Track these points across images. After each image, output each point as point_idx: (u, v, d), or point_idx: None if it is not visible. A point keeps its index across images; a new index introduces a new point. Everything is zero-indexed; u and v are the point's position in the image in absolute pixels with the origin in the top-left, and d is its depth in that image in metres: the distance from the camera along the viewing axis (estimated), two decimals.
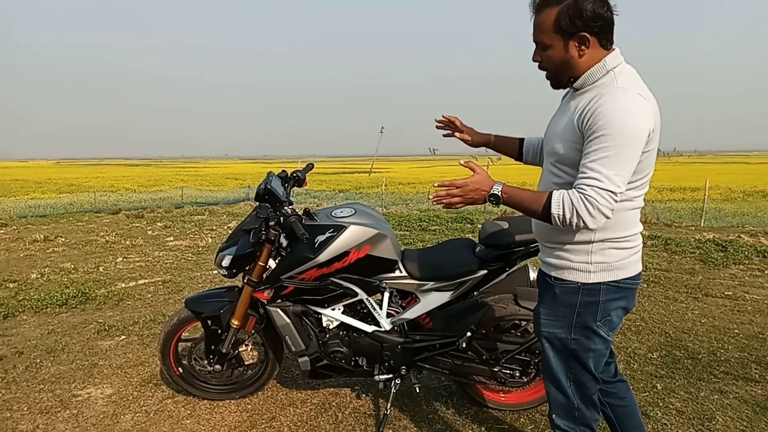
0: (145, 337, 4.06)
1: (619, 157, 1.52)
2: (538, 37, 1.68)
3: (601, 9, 1.58)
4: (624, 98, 1.55)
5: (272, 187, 2.58)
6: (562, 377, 1.85)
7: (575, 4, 1.57)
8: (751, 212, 13.35)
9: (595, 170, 1.53)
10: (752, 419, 2.79)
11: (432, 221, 10.56)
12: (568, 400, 1.86)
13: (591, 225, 1.56)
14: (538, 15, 1.66)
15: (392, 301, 2.76)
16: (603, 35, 1.62)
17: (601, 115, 1.54)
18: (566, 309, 1.77)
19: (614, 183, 1.52)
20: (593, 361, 1.81)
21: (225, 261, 2.71)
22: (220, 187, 26.66)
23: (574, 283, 1.74)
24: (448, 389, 3.16)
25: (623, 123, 1.52)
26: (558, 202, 1.58)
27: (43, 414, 2.93)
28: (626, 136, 1.52)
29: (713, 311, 4.60)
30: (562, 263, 1.77)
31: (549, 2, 1.62)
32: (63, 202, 17.01)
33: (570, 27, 1.59)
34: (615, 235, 1.69)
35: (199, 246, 8.14)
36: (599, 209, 1.53)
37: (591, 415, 1.87)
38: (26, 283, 5.82)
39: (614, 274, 1.72)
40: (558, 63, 1.68)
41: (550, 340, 1.84)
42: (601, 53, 1.64)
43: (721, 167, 50.61)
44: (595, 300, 1.73)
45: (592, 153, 1.55)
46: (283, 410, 2.96)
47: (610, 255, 1.71)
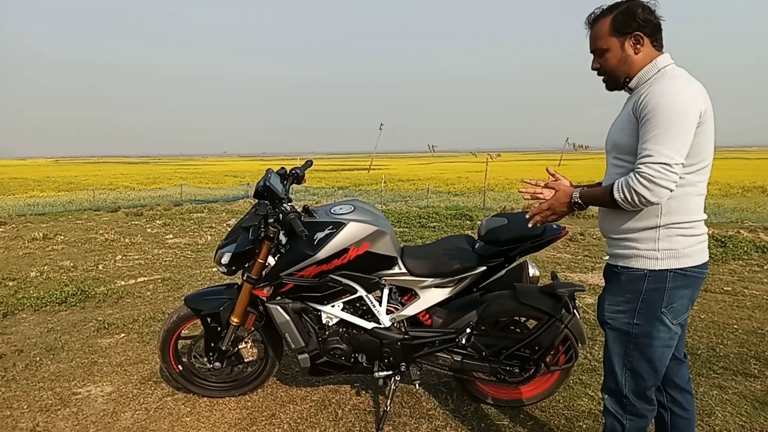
0: (144, 335, 4.06)
1: (668, 133, 1.62)
2: (595, 45, 1.85)
3: (650, 15, 1.77)
4: (671, 82, 1.69)
5: (271, 184, 2.57)
6: (618, 364, 1.89)
7: (628, 9, 1.76)
8: (750, 208, 13.35)
9: (647, 148, 1.64)
10: (751, 414, 2.80)
11: (431, 218, 10.56)
12: (617, 386, 1.91)
13: (651, 198, 1.63)
14: (594, 26, 1.85)
15: (392, 297, 2.76)
16: (653, 36, 1.79)
17: (650, 99, 1.66)
18: (631, 295, 1.82)
19: (665, 155, 1.61)
20: (656, 350, 1.83)
21: (224, 258, 2.70)
22: (219, 185, 26.64)
23: (641, 270, 1.80)
24: (448, 386, 3.16)
25: (669, 102, 1.63)
26: (618, 188, 1.69)
27: (43, 412, 2.93)
28: (673, 113, 1.62)
29: (712, 307, 4.60)
30: (630, 252, 1.82)
31: (604, 13, 1.82)
32: (62, 201, 17.01)
33: (625, 27, 1.77)
34: (680, 220, 1.76)
35: (198, 243, 8.15)
36: (654, 181, 1.61)
37: (641, 406, 1.90)
38: (25, 282, 5.82)
39: (681, 261, 1.77)
40: (616, 63, 1.83)
41: (612, 326, 1.89)
42: (653, 53, 1.80)
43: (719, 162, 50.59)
44: (661, 287, 1.77)
45: (644, 135, 1.67)
46: (282, 407, 2.97)
47: (676, 242, 1.76)
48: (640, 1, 1.78)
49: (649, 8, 1.78)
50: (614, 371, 1.91)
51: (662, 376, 1.90)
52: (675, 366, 2.01)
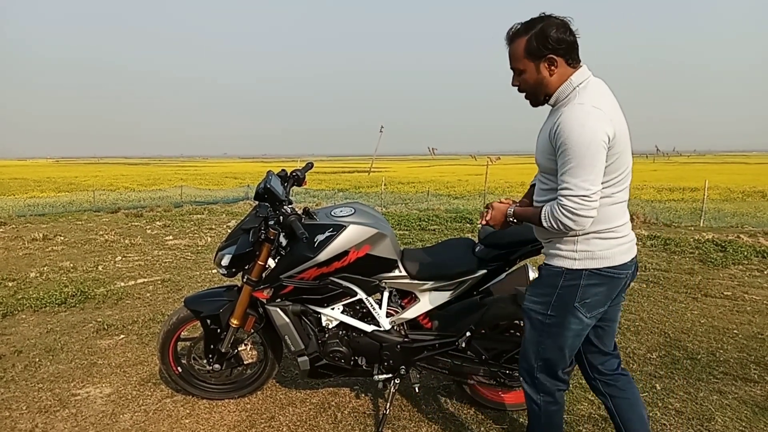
0: (144, 337, 4.06)
1: (581, 165, 1.74)
2: (513, 64, 1.92)
3: (564, 34, 1.82)
4: (578, 112, 1.77)
5: (272, 186, 2.57)
6: (531, 350, 2.08)
7: (541, 31, 1.81)
8: (751, 212, 13.35)
9: (565, 181, 1.78)
10: (751, 419, 2.79)
11: (431, 221, 10.55)
12: (530, 370, 2.11)
13: (575, 227, 1.80)
14: (511, 45, 1.91)
15: (392, 300, 2.76)
16: (568, 56, 1.85)
17: (561, 131, 1.77)
18: (549, 289, 1.98)
19: (583, 188, 1.74)
20: (567, 340, 2.00)
21: (224, 260, 2.70)
22: (220, 186, 26.64)
23: (559, 268, 1.95)
24: (448, 389, 3.16)
25: (579, 134, 1.73)
26: (545, 217, 1.85)
27: (42, 413, 2.93)
28: (582, 146, 1.73)
29: (712, 311, 4.60)
30: (553, 252, 1.98)
31: (519, 33, 1.87)
32: (62, 201, 17.00)
33: (539, 50, 1.83)
34: (598, 228, 1.88)
35: (198, 245, 8.14)
36: (577, 213, 1.76)
37: (552, 384, 2.10)
38: (25, 282, 5.82)
39: (597, 262, 1.90)
40: (533, 84, 1.91)
41: (528, 315, 2.06)
42: (568, 71, 1.87)
43: (720, 167, 50.64)
44: (576, 284, 1.93)
45: (561, 166, 1.80)
46: (282, 410, 2.96)
47: (594, 244, 1.90)
48: (555, 20, 1.83)
49: (564, 26, 1.82)
50: (528, 355, 2.10)
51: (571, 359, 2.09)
52: (600, 357, 2.17)
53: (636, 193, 20.74)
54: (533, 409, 2.16)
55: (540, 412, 2.14)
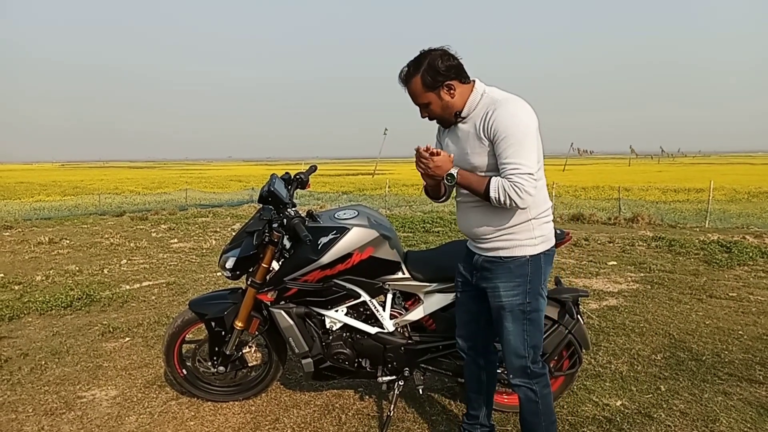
0: (149, 339, 4.08)
1: (523, 148, 1.93)
2: (418, 101, 2.09)
3: (449, 61, 2.00)
4: (509, 105, 1.99)
5: (275, 189, 2.58)
6: (520, 342, 2.17)
7: (429, 66, 1.99)
8: (756, 213, 13.28)
9: (511, 162, 1.93)
10: (756, 421, 2.78)
11: (435, 223, 10.56)
12: (521, 361, 2.19)
13: (521, 204, 1.94)
14: (408, 86, 2.07)
15: (395, 302, 2.77)
16: (460, 76, 2.04)
17: (499, 122, 1.95)
18: (520, 279, 2.11)
19: (528, 167, 1.92)
20: (541, 319, 2.19)
21: (229, 263, 2.71)
22: (224, 189, 26.70)
23: (523, 257, 2.09)
24: (451, 391, 3.16)
25: (518, 122, 1.95)
26: (495, 187, 1.95)
27: (48, 415, 2.94)
28: (522, 130, 1.94)
29: (717, 313, 4.58)
30: (512, 243, 2.10)
31: (411, 74, 2.04)
32: (67, 205, 17.07)
33: (435, 83, 2.01)
34: (541, 210, 2.11)
35: (203, 248, 8.17)
36: (525, 190, 1.90)
37: (541, 368, 2.22)
38: (31, 285, 5.85)
39: (548, 243, 2.14)
40: (440, 110, 2.08)
41: (511, 310, 2.14)
42: (467, 87, 2.07)
43: (725, 168, 50.41)
44: (538, 267, 2.11)
45: (504, 151, 1.95)
46: (286, 412, 2.97)
47: (544, 228, 2.13)
48: (437, 52, 2.01)
49: (447, 55, 2.01)
50: (517, 349, 2.17)
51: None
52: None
53: (641, 194, 20.66)
54: (530, 398, 2.22)
55: (537, 398, 2.22)
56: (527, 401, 2.24)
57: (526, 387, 2.22)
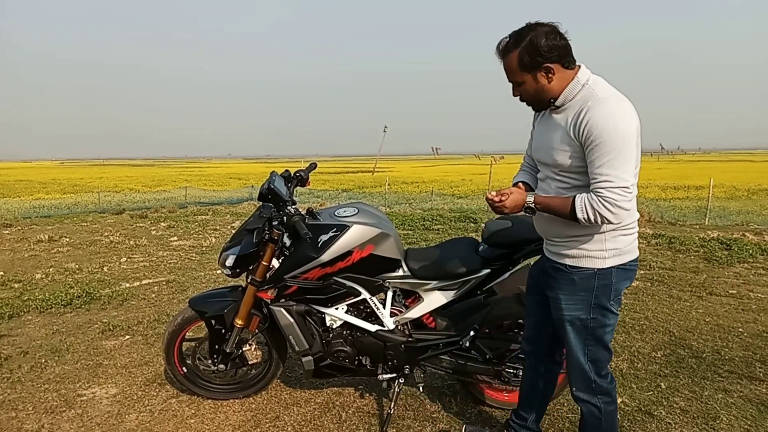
0: (149, 337, 4.08)
1: (620, 157, 1.74)
2: (510, 78, 1.91)
3: (555, 40, 1.79)
4: (607, 106, 1.77)
5: (275, 186, 2.58)
6: (581, 355, 2.06)
7: (531, 43, 1.78)
8: (756, 210, 13.28)
9: (604, 174, 1.75)
10: (757, 418, 2.78)
11: (435, 220, 10.55)
12: (585, 374, 2.08)
13: (614, 220, 1.79)
14: (504, 60, 1.88)
15: (395, 300, 2.76)
16: (564, 60, 1.83)
17: (594, 125, 1.75)
18: (585, 293, 1.98)
19: (623, 179, 1.74)
20: (607, 336, 2.05)
21: (228, 261, 2.71)
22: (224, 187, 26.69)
23: (590, 270, 1.95)
24: (452, 388, 3.16)
25: (614, 127, 1.74)
26: (581, 207, 1.80)
27: (48, 413, 2.94)
28: (620, 138, 1.74)
29: (717, 310, 4.58)
30: (580, 253, 1.97)
31: (509, 47, 1.84)
32: (67, 203, 17.06)
33: (533, 62, 1.81)
34: (624, 223, 1.91)
35: (202, 246, 8.17)
36: (617, 205, 1.75)
37: (606, 384, 2.10)
38: (31, 284, 5.85)
39: (623, 257, 1.95)
40: (534, 93, 1.90)
41: (572, 322, 2.04)
42: (569, 74, 1.86)
43: (725, 165, 50.40)
44: (608, 282, 1.95)
45: (597, 159, 1.77)
46: (287, 409, 2.97)
47: (620, 241, 1.93)
48: (542, 29, 1.79)
49: (553, 32, 1.79)
50: (579, 362, 2.08)
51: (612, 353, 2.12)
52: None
53: (641, 191, 20.62)
54: (593, 413, 2.12)
55: (601, 415, 2.11)
56: (590, 416, 2.14)
57: (589, 403, 2.12)
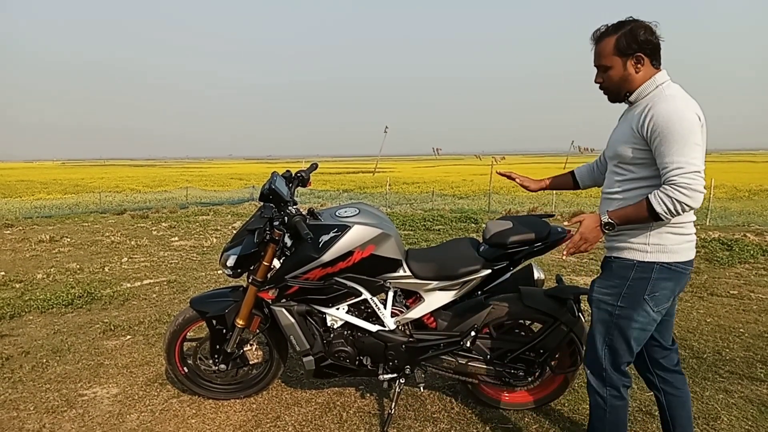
0: (150, 337, 4.08)
1: (687, 144, 1.79)
2: (599, 62, 2.00)
3: (651, 36, 1.92)
4: (672, 101, 1.85)
5: (276, 187, 2.58)
6: (599, 341, 2.09)
7: (631, 31, 1.91)
8: (757, 211, 13.28)
9: (674, 161, 1.79)
10: (757, 419, 2.78)
11: (436, 221, 10.55)
12: (599, 361, 2.11)
13: (693, 204, 1.78)
14: (599, 43, 1.99)
15: (396, 300, 2.77)
16: (653, 56, 1.95)
17: (659, 118, 1.83)
18: (619, 280, 2.02)
19: (693, 164, 1.77)
20: (634, 332, 2.02)
21: (230, 261, 2.71)
22: (225, 188, 26.71)
23: (630, 261, 1.99)
24: (453, 389, 3.16)
25: (679, 118, 1.80)
26: (657, 202, 1.82)
27: (50, 413, 2.95)
28: (685, 127, 1.80)
29: (718, 310, 4.58)
30: (623, 244, 2.01)
31: (608, 32, 1.96)
32: (68, 203, 17.10)
33: (628, 48, 1.92)
34: (672, 220, 1.91)
35: (203, 246, 8.17)
36: (692, 188, 1.76)
37: (618, 378, 2.10)
38: (32, 284, 5.85)
39: (668, 256, 1.95)
40: (618, 80, 1.99)
41: (597, 305, 2.09)
42: (652, 71, 1.96)
43: (726, 166, 50.36)
44: (647, 277, 1.96)
45: (665, 150, 1.82)
46: (287, 409, 2.97)
47: (666, 238, 1.94)
48: (642, 23, 1.93)
49: (651, 29, 1.92)
50: (596, 346, 2.11)
51: (635, 354, 2.10)
52: (661, 351, 2.21)
53: None
54: (597, 402, 2.15)
55: (605, 405, 2.13)
56: (596, 407, 2.16)
57: (596, 391, 2.14)
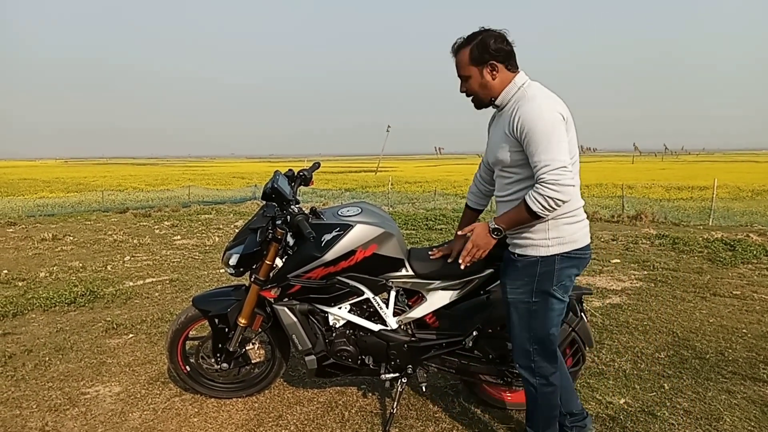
0: (152, 336, 4.09)
1: (551, 142, 1.92)
2: (460, 72, 2.14)
3: (502, 44, 2.05)
4: (534, 101, 1.99)
5: (279, 186, 2.58)
6: (524, 337, 2.21)
7: (482, 41, 2.05)
8: (760, 211, 13.25)
9: (541, 160, 1.92)
10: (760, 419, 2.77)
11: (438, 220, 10.55)
12: (527, 355, 2.23)
13: (563, 198, 1.91)
14: (457, 55, 2.13)
15: (399, 300, 2.76)
16: (507, 62, 2.08)
17: (523, 119, 1.96)
18: (527, 278, 2.13)
19: (559, 160, 1.90)
20: (552, 320, 2.17)
21: (232, 260, 2.72)
22: (227, 186, 26.73)
23: (534, 257, 2.11)
24: (455, 388, 3.16)
25: (540, 116, 1.94)
26: (532, 201, 1.95)
27: (52, 412, 2.95)
28: (548, 126, 1.93)
29: (721, 311, 4.57)
30: (526, 242, 2.13)
31: (463, 45, 2.10)
32: (71, 201, 17.13)
33: (480, 57, 2.06)
34: (564, 211, 2.04)
35: (206, 245, 8.18)
36: (560, 183, 1.89)
37: (546, 367, 2.23)
38: (35, 282, 5.87)
39: (567, 246, 2.09)
40: (478, 87, 2.13)
41: (515, 305, 2.20)
42: (509, 76, 2.10)
43: (729, 166, 50.24)
44: (551, 269, 2.09)
45: (533, 150, 1.95)
46: (289, 409, 2.97)
47: (563, 230, 2.08)
48: (492, 33, 2.06)
49: (502, 37, 2.05)
50: (522, 342, 2.23)
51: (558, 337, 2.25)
52: None
53: (645, 191, 20.62)
54: (530, 392, 2.29)
55: (537, 394, 2.27)
56: (528, 390, 2.31)
57: (527, 381, 2.28)
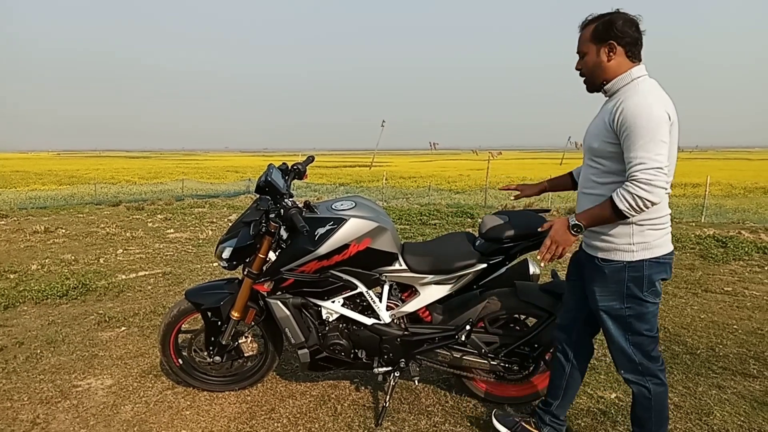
0: (145, 329, 4.07)
1: (653, 141, 1.81)
2: (579, 48, 2.08)
3: (629, 28, 1.96)
4: (642, 96, 1.88)
5: (273, 179, 2.57)
6: (623, 341, 2.13)
7: (609, 20, 1.97)
8: (752, 208, 13.33)
9: (637, 157, 1.82)
10: (750, 414, 2.80)
11: (432, 215, 10.55)
12: (630, 358, 2.14)
13: (653, 199, 1.82)
14: (582, 31, 2.06)
15: (392, 294, 2.77)
16: (629, 48, 1.98)
17: (627, 113, 1.86)
18: (616, 285, 2.06)
19: (656, 160, 1.80)
20: (649, 322, 2.08)
21: (225, 253, 2.71)
22: (221, 180, 26.63)
23: (620, 262, 2.03)
24: (447, 382, 3.17)
25: (648, 113, 1.83)
26: (619, 198, 1.86)
27: (44, 404, 2.94)
28: (652, 122, 1.82)
29: (712, 307, 4.60)
30: (608, 246, 2.05)
31: (591, 21, 2.03)
32: (63, 194, 17.01)
33: (603, 36, 1.98)
34: (650, 217, 1.97)
35: (199, 238, 8.15)
36: (653, 184, 1.80)
37: (655, 366, 2.14)
38: (27, 274, 5.83)
39: (654, 251, 2.01)
40: (591, 66, 2.05)
41: (607, 313, 2.12)
42: (628, 64, 1.99)
43: (722, 163, 50.49)
44: (639, 275, 2.01)
45: (630, 145, 1.85)
46: (282, 402, 2.98)
47: (648, 235, 1.99)
48: (624, 15, 1.97)
49: (631, 22, 1.97)
50: (622, 348, 2.13)
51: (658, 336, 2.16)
52: None
53: None
54: (643, 394, 2.16)
55: (651, 395, 2.14)
56: (640, 396, 2.18)
57: (638, 384, 2.16)
